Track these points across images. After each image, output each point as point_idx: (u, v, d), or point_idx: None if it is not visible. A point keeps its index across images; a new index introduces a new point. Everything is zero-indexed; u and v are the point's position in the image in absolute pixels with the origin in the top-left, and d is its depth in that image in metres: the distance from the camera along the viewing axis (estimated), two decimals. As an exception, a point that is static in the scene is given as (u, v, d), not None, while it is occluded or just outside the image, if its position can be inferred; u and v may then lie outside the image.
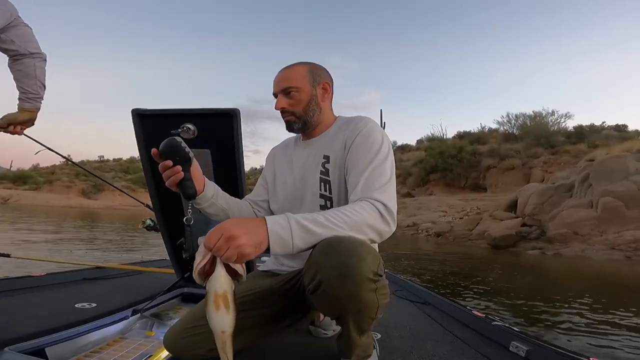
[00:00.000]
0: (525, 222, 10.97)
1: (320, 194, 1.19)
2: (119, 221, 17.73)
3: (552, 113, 22.48)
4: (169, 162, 1.02)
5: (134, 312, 1.68)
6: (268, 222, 0.89)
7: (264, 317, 1.22)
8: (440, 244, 11.84)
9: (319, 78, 1.24)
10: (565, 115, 22.29)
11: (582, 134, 20.64)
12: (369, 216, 0.98)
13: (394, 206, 1.03)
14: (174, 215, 1.87)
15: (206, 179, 1.19)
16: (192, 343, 1.12)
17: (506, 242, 10.23)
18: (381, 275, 0.94)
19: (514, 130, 23.43)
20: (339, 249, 0.89)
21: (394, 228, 1.02)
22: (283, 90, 1.21)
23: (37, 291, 1.89)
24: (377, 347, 1.25)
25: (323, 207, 1.18)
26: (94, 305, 1.67)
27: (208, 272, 0.86)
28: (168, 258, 2.08)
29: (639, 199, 9.10)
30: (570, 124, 22.20)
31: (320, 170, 1.21)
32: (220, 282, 0.85)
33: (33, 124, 1.68)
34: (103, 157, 65.15)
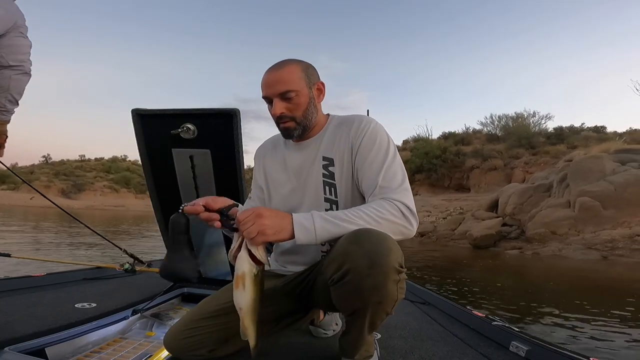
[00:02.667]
0: (505, 221, 11.13)
1: (324, 197, 1.17)
2: (102, 222, 17.41)
3: (533, 114, 22.79)
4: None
5: (134, 312, 1.67)
6: (293, 214, 0.98)
7: (265, 316, 1.19)
8: (424, 243, 11.92)
9: (313, 78, 1.18)
10: (546, 116, 22.64)
11: (562, 135, 20.90)
12: (390, 215, 1.00)
13: (413, 204, 1.04)
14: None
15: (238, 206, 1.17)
16: (193, 343, 1.12)
17: (487, 241, 10.36)
18: (404, 268, 0.95)
19: (497, 131, 23.67)
20: (368, 238, 0.92)
21: (414, 227, 1.04)
22: (281, 94, 1.11)
23: (37, 291, 1.88)
24: (378, 348, 1.26)
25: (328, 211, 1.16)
26: (94, 305, 1.66)
27: (236, 255, 0.96)
28: None
29: (615, 199, 9.25)
30: (551, 125, 22.52)
31: (323, 174, 1.18)
32: (241, 264, 0.94)
33: (6, 136, 1.66)
34: (84, 156, 63.86)
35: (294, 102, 1.13)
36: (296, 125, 1.16)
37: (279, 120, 1.16)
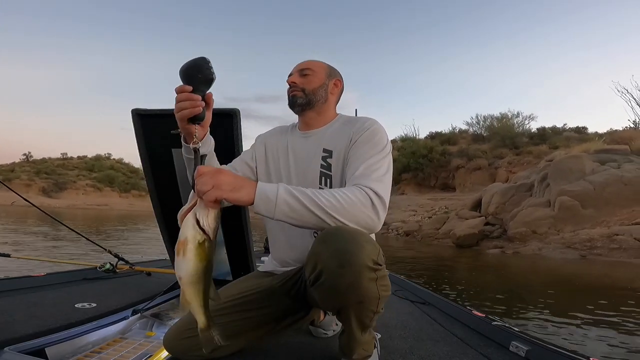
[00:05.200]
0: (488, 221, 11.16)
1: (319, 187, 1.19)
2: (84, 222, 17.09)
3: (517, 115, 23.08)
4: (188, 87, 0.94)
5: (134, 312, 1.67)
6: (259, 182, 0.96)
7: (265, 316, 1.24)
8: (409, 242, 11.96)
9: (334, 74, 1.32)
10: (529, 117, 22.96)
11: (545, 135, 21.25)
12: (358, 200, 0.97)
13: (386, 197, 1.02)
14: (173, 215, 1.88)
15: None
16: (193, 344, 1.11)
17: (469, 241, 10.40)
18: (381, 265, 0.94)
19: (482, 132, 23.95)
20: (337, 237, 0.91)
21: (381, 221, 1.00)
22: (300, 70, 1.27)
23: (37, 291, 1.87)
24: (379, 347, 1.26)
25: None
26: (94, 305, 1.66)
27: (183, 218, 0.89)
28: (168, 258, 2.06)
29: (594, 199, 9.35)
30: (534, 126, 22.83)
31: (321, 164, 1.21)
32: (185, 229, 0.87)
33: None
34: (66, 154, 62.62)
35: (308, 78, 1.27)
36: (303, 95, 1.26)
37: (289, 89, 1.28)
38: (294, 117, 1.37)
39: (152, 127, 1.69)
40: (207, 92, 0.98)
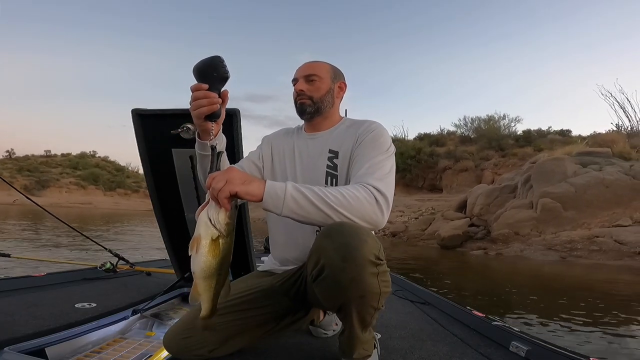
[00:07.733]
0: (473, 222, 11.22)
1: (325, 187, 1.19)
2: (70, 221, 16.76)
3: (504, 117, 23.31)
4: (205, 85, 0.97)
5: (134, 312, 1.68)
6: (267, 180, 0.99)
7: (265, 315, 1.25)
8: (395, 243, 11.96)
9: (338, 77, 1.33)
10: (515, 119, 23.20)
11: (530, 137, 21.50)
12: (363, 198, 0.99)
13: (389, 195, 1.04)
14: (173, 215, 1.87)
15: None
16: (192, 343, 1.13)
17: (454, 242, 10.40)
18: (382, 260, 0.96)
19: (470, 133, 24.15)
20: (340, 232, 0.93)
21: (386, 218, 1.03)
22: (306, 76, 1.27)
23: (37, 291, 1.87)
24: (378, 347, 1.27)
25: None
26: (94, 305, 1.67)
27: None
28: (168, 258, 2.06)
29: (575, 200, 9.44)
30: (520, 128, 23.06)
31: (327, 165, 1.24)
32: (197, 226, 0.90)
33: None
34: (50, 151, 61.34)
35: (315, 85, 1.28)
36: (312, 103, 1.28)
37: (297, 97, 1.29)
38: (285, 117, 1.42)
39: (152, 127, 1.70)
40: (223, 89, 1.01)
